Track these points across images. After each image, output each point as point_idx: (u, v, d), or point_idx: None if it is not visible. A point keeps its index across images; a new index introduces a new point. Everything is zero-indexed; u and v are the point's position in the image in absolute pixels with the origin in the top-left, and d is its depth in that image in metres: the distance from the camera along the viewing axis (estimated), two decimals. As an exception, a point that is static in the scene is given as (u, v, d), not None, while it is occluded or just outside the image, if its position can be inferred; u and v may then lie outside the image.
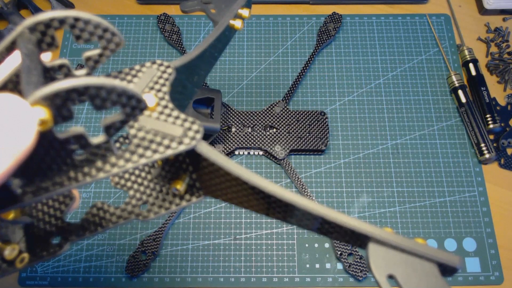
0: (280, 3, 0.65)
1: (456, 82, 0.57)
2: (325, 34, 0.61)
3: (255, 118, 0.55)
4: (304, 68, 0.59)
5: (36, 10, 0.62)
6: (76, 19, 0.20)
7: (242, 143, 0.54)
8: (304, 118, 0.55)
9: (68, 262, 0.50)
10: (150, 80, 0.24)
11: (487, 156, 0.53)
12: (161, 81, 0.24)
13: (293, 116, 0.55)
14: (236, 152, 0.55)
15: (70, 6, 0.64)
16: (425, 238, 0.51)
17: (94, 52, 0.22)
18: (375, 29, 0.63)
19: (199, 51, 0.29)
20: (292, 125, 0.54)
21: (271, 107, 0.56)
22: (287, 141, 0.54)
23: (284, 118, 0.55)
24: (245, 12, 0.34)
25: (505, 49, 0.61)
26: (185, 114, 0.22)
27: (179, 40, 0.60)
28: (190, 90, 0.30)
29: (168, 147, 0.21)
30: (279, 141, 0.54)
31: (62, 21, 0.20)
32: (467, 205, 0.52)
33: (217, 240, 0.51)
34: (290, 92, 0.57)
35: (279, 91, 0.58)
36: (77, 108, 0.57)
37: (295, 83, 0.58)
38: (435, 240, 0.51)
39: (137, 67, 0.25)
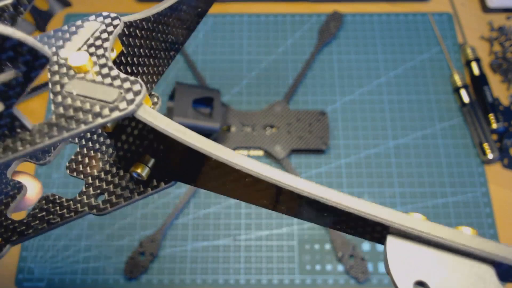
0: (281, 1, 0.64)
1: (458, 82, 0.57)
2: (326, 32, 0.60)
3: (255, 117, 0.54)
4: (305, 67, 0.58)
5: (33, 9, 0.61)
6: None
7: (242, 143, 0.53)
8: (304, 117, 0.54)
9: (66, 263, 0.49)
10: (90, 36, 0.20)
11: (490, 156, 0.52)
12: (104, 35, 0.20)
13: (294, 115, 0.54)
14: (236, 152, 0.54)
15: (67, 4, 0.63)
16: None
17: (5, 2, 0.19)
18: (376, 28, 0.62)
19: (170, 3, 0.24)
20: (292, 125, 0.54)
21: (271, 106, 0.55)
22: (287, 141, 0.53)
23: (284, 117, 0.54)
24: None
25: (509, 47, 0.60)
26: (123, 72, 0.19)
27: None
28: (164, 53, 0.25)
29: (98, 115, 0.17)
30: (279, 141, 0.53)
31: None
32: (470, 206, 0.52)
33: (216, 241, 0.50)
34: (290, 91, 0.57)
35: (279, 90, 0.58)
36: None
37: (296, 82, 0.57)
38: (437, 241, 0.50)
39: (78, 22, 0.21)
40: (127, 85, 0.18)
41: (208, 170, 0.19)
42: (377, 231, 0.17)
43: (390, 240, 0.16)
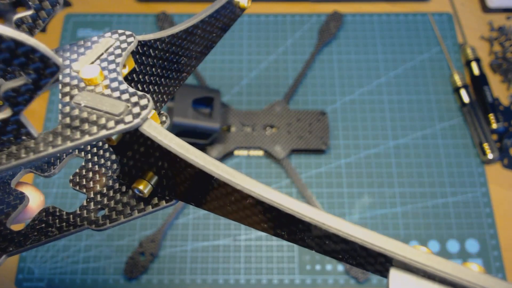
0: (281, 1, 0.64)
1: (458, 82, 0.57)
2: (326, 32, 0.60)
3: (255, 117, 0.54)
4: (305, 67, 0.58)
5: (34, 8, 0.61)
6: None
7: (242, 143, 0.53)
8: (304, 117, 0.54)
9: (66, 263, 0.49)
10: (104, 51, 0.20)
11: (490, 156, 0.52)
12: (117, 51, 0.20)
13: (294, 115, 0.54)
14: (236, 152, 0.54)
15: (67, 4, 0.63)
16: (427, 240, 0.50)
17: (25, 14, 0.19)
18: (376, 28, 0.62)
19: (185, 26, 0.24)
20: (292, 125, 0.54)
21: (271, 106, 0.55)
22: (287, 141, 0.53)
23: (284, 117, 0.54)
24: None
25: (509, 47, 0.60)
26: (134, 89, 0.19)
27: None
28: (176, 74, 0.25)
29: (103, 127, 0.17)
30: (279, 141, 0.53)
31: None
32: (470, 206, 0.52)
33: (217, 241, 0.50)
34: (290, 91, 0.57)
35: (279, 90, 0.58)
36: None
37: (296, 82, 0.57)
38: (437, 241, 0.50)
39: (94, 38, 0.21)
40: (134, 99, 0.18)
41: (210, 189, 0.19)
42: (379, 263, 0.16)
43: (393, 273, 0.15)
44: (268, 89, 0.58)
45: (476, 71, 0.57)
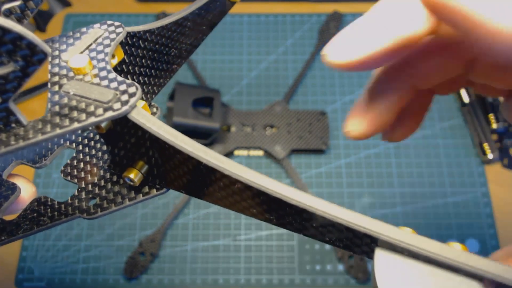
0: (281, 1, 0.64)
1: (458, 81, 0.57)
2: (326, 32, 0.60)
3: (255, 117, 0.54)
4: (305, 67, 0.58)
5: (34, 8, 0.61)
6: None
7: (242, 143, 0.53)
8: (304, 117, 0.54)
9: (66, 263, 0.49)
10: (93, 41, 0.21)
11: (490, 156, 0.52)
12: (106, 41, 0.21)
13: (294, 115, 0.54)
14: (236, 152, 0.54)
15: (67, 4, 0.63)
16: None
17: (13, 4, 0.19)
18: (376, 28, 0.62)
19: (175, 18, 0.24)
20: (292, 125, 0.54)
21: (271, 106, 0.55)
22: (287, 141, 0.53)
23: (284, 117, 0.54)
24: None
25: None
26: (123, 77, 0.19)
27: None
28: (166, 66, 0.26)
29: (92, 114, 0.17)
30: (279, 141, 0.53)
31: None
32: (470, 206, 0.52)
33: (216, 241, 0.50)
34: (290, 91, 0.57)
35: (279, 90, 0.58)
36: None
37: (296, 82, 0.57)
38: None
39: (83, 29, 0.22)
40: (123, 87, 0.18)
41: (199, 176, 0.19)
42: (365, 244, 0.16)
43: (379, 252, 0.16)
44: (268, 89, 0.58)
45: (476, 71, 0.57)
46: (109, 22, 0.21)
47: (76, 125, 0.17)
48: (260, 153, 0.54)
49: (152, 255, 0.49)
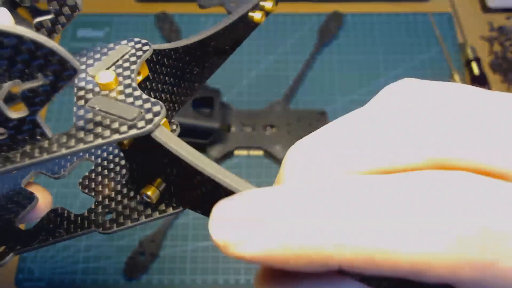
0: (281, 1, 0.64)
1: (458, 82, 0.57)
2: (326, 32, 0.60)
3: (255, 117, 0.54)
4: (305, 67, 0.58)
5: (35, 10, 0.61)
6: None
7: (242, 143, 0.53)
8: (304, 117, 0.54)
9: (66, 263, 0.49)
10: (120, 58, 0.21)
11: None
12: (133, 58, 0.21)
13: (294, 115, 0.54)
14: (236, 152, 0.54)
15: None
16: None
17: (45, 18, 0.20)
18: (376, 28, 0.62)
19: (200, 37, 0.25)
20: (292, 125, 0.54)
21: (271, 106, 0.55)
22: (287, 141, 0.53)
23: (284, 117, 0.54)
24: (268, 4, 0.30)
25: (509, 47, 0.60)
26: (147, 95, 0.19)
27: (178, 40, 0.60)
28: (188, 84, 0.26)
29: (116, 131, 0.18)
30: (279, 141, 0.53)
31: None
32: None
33: (217, 241, 0.50)
34: (290, 91, 0.57)
35: (279, 90, 0.58)
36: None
37: (296, 82, 0.57)
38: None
39: (111, 45, 0.22)
40: (147, 105, 0.18)
41: (218, 198, 0.19)
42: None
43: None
44: (268, 89, 0.58)
45: (476, 71, 0.58)
46: (136, 39, 0.22)
47: (100, 141, 0.18)
48: (260, 153, 0.54)
49: (152, 255, 0.49)
